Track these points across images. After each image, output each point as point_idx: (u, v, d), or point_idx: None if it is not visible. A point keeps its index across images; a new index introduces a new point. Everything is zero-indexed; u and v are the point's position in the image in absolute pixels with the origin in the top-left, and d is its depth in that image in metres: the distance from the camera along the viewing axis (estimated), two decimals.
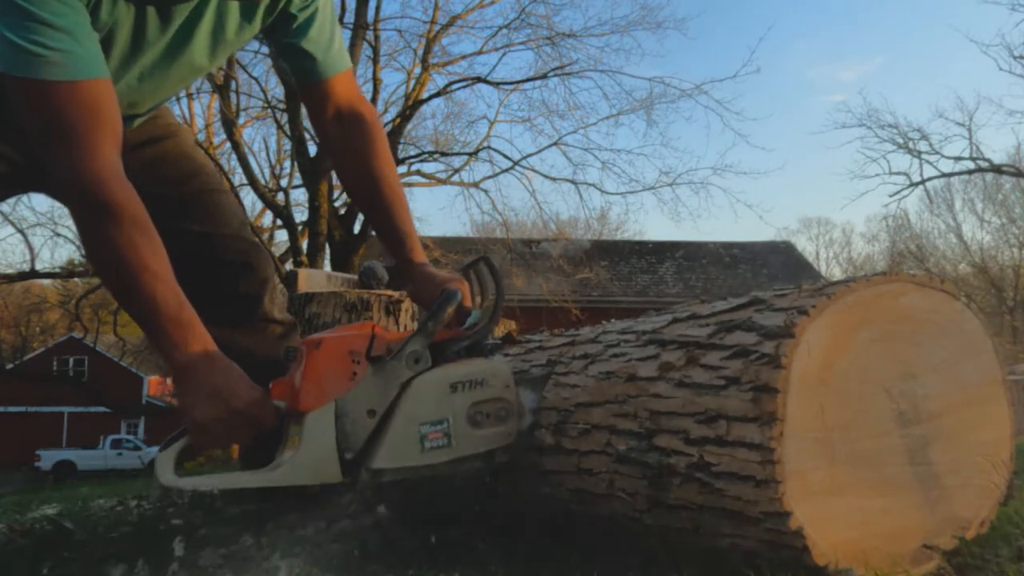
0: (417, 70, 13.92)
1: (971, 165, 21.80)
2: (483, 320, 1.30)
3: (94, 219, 1.14)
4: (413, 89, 13.77)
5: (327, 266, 12.30)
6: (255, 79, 14.09)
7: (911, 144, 21.49)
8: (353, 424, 1.17)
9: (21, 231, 14.15)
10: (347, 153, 1.51)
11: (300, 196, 15.46)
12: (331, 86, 1.47)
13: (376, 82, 13.63)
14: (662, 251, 20.90)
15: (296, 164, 13.61)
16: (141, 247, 1.15)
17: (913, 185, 21.69)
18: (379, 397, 1.19)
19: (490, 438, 1.25)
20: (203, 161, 1.72)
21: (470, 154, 14.08)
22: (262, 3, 1.35)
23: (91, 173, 1.13)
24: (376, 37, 13.38)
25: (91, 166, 1.13)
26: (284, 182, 16.33)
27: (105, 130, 1.16)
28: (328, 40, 1.44)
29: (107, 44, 1.24)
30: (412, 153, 14.54)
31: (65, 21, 1.11)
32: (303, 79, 1.47)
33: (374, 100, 13.87)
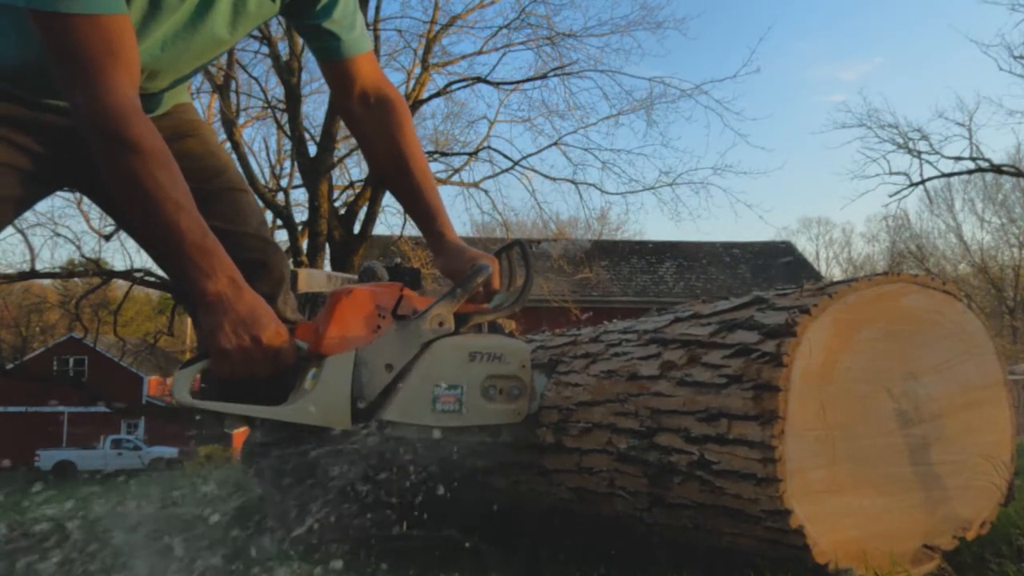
0: (417, 70, 13.92)
1: (971, 165, 21.78)
2: (508, 300, 1.32)
3: (115, 152, 1.16)
4: (413, 89, 13.77)
5: (327, 266, 12.30)
6: (255, 79, 14.10)
7: (911, 144, 21.47)
8: (370, 375, 1.19)
9: (21, 231, 14.13)
10: (374, 132, 1.54)
11: (300, 196, 15.47)
12: (356, 65, 1.49)
13: None
14: (662, 251, 20.90)
15: (296, 164, 13.61)
16: (162, 178, 1.16)
17: (913, 185, 21.67)
18: (399, 353, 1.20)
19: (500, 413, 1.26)
20: (227, 160, 1.75)
21: (470, 154, 14.07)
22: None
23: (110, 107, 1.15)
24: (376, 37, 13.37)
25: (110, 100, 1.15)
26: (284, 182, 16.34)
27: (123, 64, 1.18)
28: (352, 20, 1.46)
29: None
30: None
31: None
32: (328, 58, 1.49)
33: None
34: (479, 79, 13.74)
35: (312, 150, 12.46)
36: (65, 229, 14.42)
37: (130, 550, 1.46)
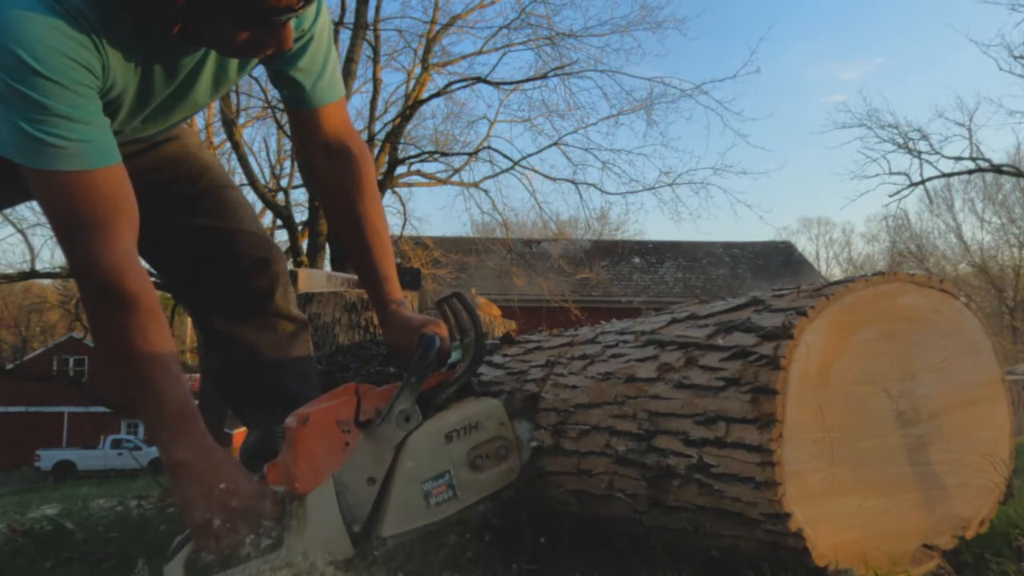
0: (417, 70, 13.93)
1: (971, 165, 21.79)
2: (466, 358, 1.28)
3: (110, 308, 1.15)
4: (413, 89, 13.77)
5: (327, 266, 12.30)
6: (255, 79, 14.08)
7: (911, 144, 21.49)
8: (355, 496, 1.15)
9: (21, 231, 14.16)
10: (332, 187, 1.48)
11: (300, 196, 15.49)
12: (319, 116, 1.44)
13: (376, 82, 13.64)
14: (662, 251, 20.92)
15: (296, 164, 13.61)
16: (153, 337, 1.16)
17: (913, 185, 21.68)
18: (376, 463, 1.17)
19: (494, 479, 1.24)
20: (210, 159, 1.74)
21: (470, 154, 14.07)
22: None
23: (109, 263, 1.14)
24: (376, 37, 13.39)
25: (109, 256, 1.14)
26: (284, 182, 16.35)
27: (123, 217, 1.17)
28: (320, 70, 1.41)
29: (117, 105, 1.25)
30: (412, 153, 14.54)
31: (83, 112, 1.12)
32: (291, 105, 1.45)
33: (374, 100, 13.88)
34: (479, 79, 13.75)
35: None
36: None
37: (130, 550, 1.46)
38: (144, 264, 1.35)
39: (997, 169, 22.31)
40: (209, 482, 1.14)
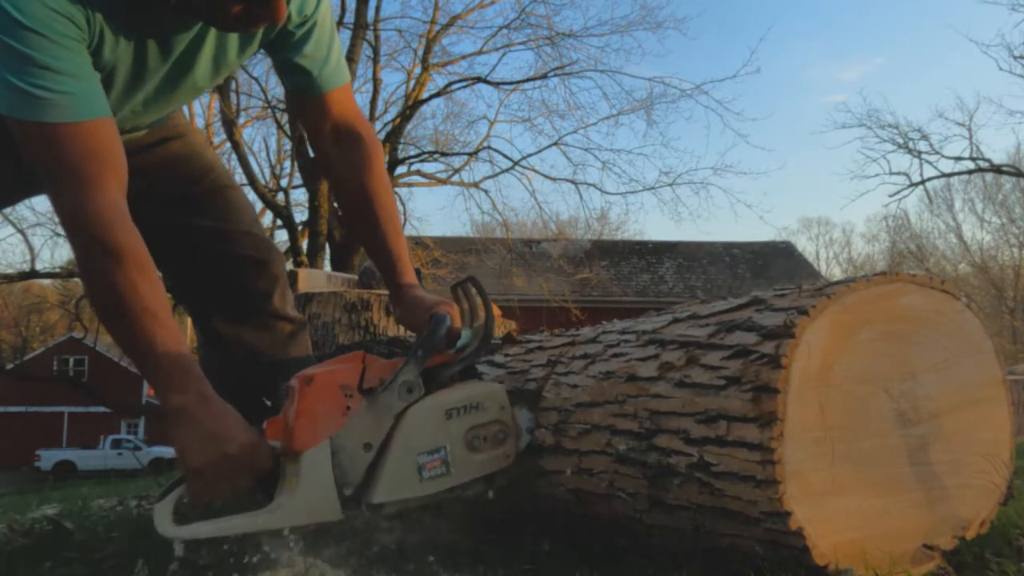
0: (417, 70, 13.94)
1: (971, 165, 21.80)
2: (474, 342, 1.28)
3: (98, 260, 1.15)
4: (413, 89, 13.78)
5: (327, 266, 12.31)
6: (255, 79, 14.11)
7: (911, 144, 21.50)
8: (350, 460, 1.16)
9: (21, 231, 14.15)
10: (342, 171, 1.50)
11: (300, 196, 15.49)
12: (327, 101, 1.46)
13: (376, 82, 13.65)
14: (662, 251, 20.91)
15: (296, 164, 13.63)
16: (143, 289, 1.15)
17: (913, 185, 21.69)
18: (374, 430, 1.17)
19: (489, 462, 1.24)
20: (213, 159, 1.74)
21: (470, 154, 14.08)
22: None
23: (95, 215, 1.14)
24: (376, 37, 13.39)
25: (95, 208, 1.14)
26: (284, 182, 16.37)
27: (109, 170, 1.16)
28: (325, 55, 1.43)
29: (109, 80, 1.25)
30: (412, 153, 14.56)
31: (67, 64, 1.11)
32: (299, 92, 1.46)
33: (374, 100, 13.89)
34: (479, 79, 13.76)
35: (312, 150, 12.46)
36: None
37: (130, 550, 1.46)
38: None
39: (997, 169, 22.32)
40: (206, 428, 1.13)
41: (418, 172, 14.64)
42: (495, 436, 1.25)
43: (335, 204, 12.64)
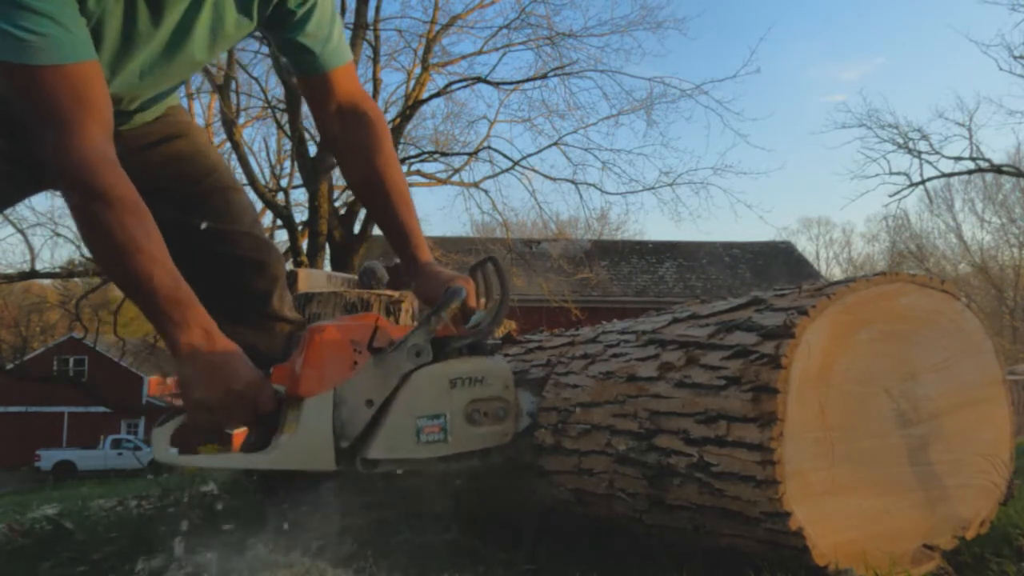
0: (417, 70, 13.93)
1: (971, 165, 21.80)
2: (486, 319, 1.30)
3: (86, 203, 1.14)
4: (413, 89, 13.77)
5: (327, 266, 12.31)
6: (255, 79, 14.12)
7: (911, 144, 21.49)
8: (351, 413, 1.17)
9: (21, 231, 14.16)
10: (350, 149, 1.51)
11: (300, 196, 15.46)
12: (331, 80, 1.47)
13: (376, 82, 13.63)
14: (662, 251, 20.90)
15: (296, 164, 13.61)
16: (133, 229, 1.14)
17: (913, 185, 21.69)
18: (378, 388, 1.19)
19: (487, 436, 1.25)
20: (217, 159, 1.74)
21: (470, 154, 14.07)
22: None
23: (80, 158, 1.13)
24: (376, 37, 13.39)
25: (79, 150, 1.13)
26: (284, 182, 16.34)
27: (92, 113, 1.15)
28: (327, 34, 1.44)
29: (96, 35, 1.24)
30: (412, 153, 14.54)
31: (50, 7, 1.11)
32: (303, 72, 1.47)
33: (374, 100, 13.86)
34: (479, 79, 13.76)
35: (312, 150, 12.46)
36: (65, 229, 14.41)
37: (130, 550, 1.46)
38: None
39: (997, 169, 22.31)
40: (213, 363, 1.14)
41: (418, 172, 14.63)
42: (496, 412, 1.26)
43: (334, 205, 12.65)
